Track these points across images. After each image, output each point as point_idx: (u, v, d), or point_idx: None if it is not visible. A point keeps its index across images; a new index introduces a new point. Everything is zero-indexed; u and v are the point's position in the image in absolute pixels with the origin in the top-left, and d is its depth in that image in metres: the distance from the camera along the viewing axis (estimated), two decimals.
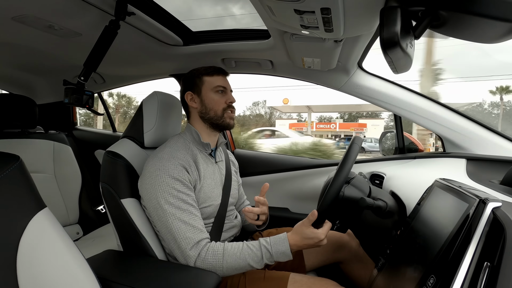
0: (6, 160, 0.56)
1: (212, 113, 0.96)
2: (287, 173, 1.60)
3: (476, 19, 0.44)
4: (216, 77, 0.98)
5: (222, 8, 47.13)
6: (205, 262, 0.79)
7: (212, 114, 0.96)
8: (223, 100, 0.97)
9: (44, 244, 0.55)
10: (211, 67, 0.99)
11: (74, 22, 0.98)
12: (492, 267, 0.39)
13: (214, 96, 0.96)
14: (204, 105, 0.96)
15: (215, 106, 0.96)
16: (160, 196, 0.82)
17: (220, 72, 0.99)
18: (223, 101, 0.97)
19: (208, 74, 0.98)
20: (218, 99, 0.96)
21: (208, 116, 0.96)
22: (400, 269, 0.64)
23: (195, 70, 1.00)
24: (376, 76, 1.28)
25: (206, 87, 0.97)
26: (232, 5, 46.13)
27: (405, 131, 1.39)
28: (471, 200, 0.50)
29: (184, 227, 0.80)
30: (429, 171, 1.08)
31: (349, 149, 0.80)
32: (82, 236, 1.69)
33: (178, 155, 0.88)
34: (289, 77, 1.46)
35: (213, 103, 0.96)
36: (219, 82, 0.98)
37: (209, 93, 0.96)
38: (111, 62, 1.34)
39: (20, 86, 1.92)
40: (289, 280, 0.82)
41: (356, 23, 0.76)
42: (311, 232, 0.79)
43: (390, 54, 0.49)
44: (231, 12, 45.62)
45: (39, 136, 1.67)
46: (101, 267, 0.80)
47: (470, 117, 1.17)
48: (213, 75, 0.98)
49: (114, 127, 2.26)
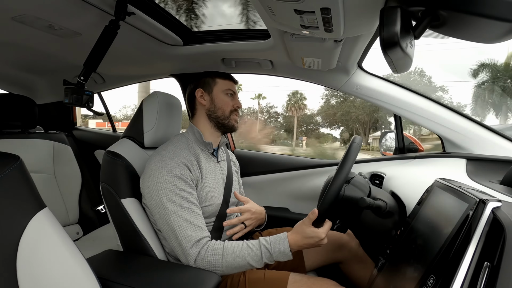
0: (6, 160, 0.55)
1: (220, 112, 0.99)
2: (287, 173, 1.60)
3: (476, 19, 0.44)
4: (228, 82, 1.03)
5: (212, 6, 47.02)
6: (204, 260, 0.79)
7: (220, 113, 0.99)
8: (232, 103, 1.01)
9: (44, 244, 0.55)
10: (224, 73, 1.05)
11: (74, 22, 0.98)
12: (492, 267, 0.39)
13: (224, 98, 1.01)
14: (213, 104, 1.00)
15: (224, 106, 1.00)
16: (162, 194, 0.82)
17: (232, 79, 1.05)
18: (231, 104, 1.01)
19: (221, 77, 1.03)
20: (228, 101, 1.01)
21: (216, 115, 0.99)
22: (400, 269, 0.64)
23: (208, 72, 1.05)
24: (376, 76, 1.28)
25: (218, 87, 1.01)
26: (222, 3, 46.09)
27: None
28: (471, 200, 0.50)
29: (186, 225, 0.80)
30: (429, 171, 1.08)
31: (349, 148, 0.80)
32: (82, 236, 1.68)
33: (181, 153, 0.88)
34: (289, 77, 1.46)
35: (222, 103, 1.00)
36: (230, 86, 1.03)
37: (220, 93, 1.01)
38: (111, 62, 1.34)
39: (20, 86, 1.92)
40: (289, 280, 0.82)
41: (356, 23, 0.76)
42: (312, 231, 0.79)
43: (390, 54, 0.49)
44: (221, 10, 45.72)
45: (39, 136, 1.67)
46: (101, 267, 0.80)
47: (470, 117, 1.17)
48: (226, 79, 1.03)
49: (114, 127, 2.26)
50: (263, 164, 1.65)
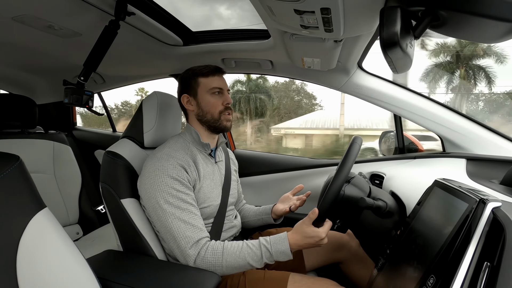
0: (6, 160, 0.55)
1: (209, 116, 0.94)
2: (287, 173, 1.60)
3: (476, 19, 0.44)
4: (211, 78, 0.95)
5: (209, 8, 46.79)
6: (204, 261, 0.78)
7: (209, 117, 0.94)
8: (220, 102, 0.95)
9: (44, 244, 0.55)
10: (206, 67, 0.95)
11: (74, 22, 0.98)
12: (492, 267, 0.39)
13: (210, 99, 0.94)
14: (200, 108, 0.94)
15: (211, 109, 0.94)
16: (159, 196, 0.81)
17: (215, 71, 0.96)
18: (219, 103, 0.94)
19: (203, 75, 0.94)
20: (215, 102, 0.94)
21: (205, 119, 0.95)
22: (400, 269, 0.64)
23: (190, 70, 0.96)
24: (376, 76, 1.28)
25: (202, 89, 0.94)
26: (219, 5, 45.85)
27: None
28: (471, 200, 0.50)
29: (184, 226, 0.80)
30: (429, 171, 1.08)
31: (349, 148, 0.80)
32: (82, 236, 1.68)
33: (177, 155, 0.88)
34: (289, 77, 1.46)
35: (209, 106, 0.94)
36: (215, 83, 0.95)
37: (205, 95, 0.94)
38: (111, 62, 1.34)
39: (20, 86, 1.92)
40: (289, 280, 0.82)
41: (356, 23, 0.76)
42: (312, 231, 0.79)
43: (390, 54, 0.49)
44: (218, 12, 45.31)
45: (39, 136, 1.67)
46: (101, 267, 0.80)
47: (470, 117, 1.17)
48: (209, 75, 0.94)
49: (114, 127, 2.26)
50: (263, 164, 1.65)
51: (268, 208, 1.15)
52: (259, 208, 1.18)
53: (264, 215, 1.14)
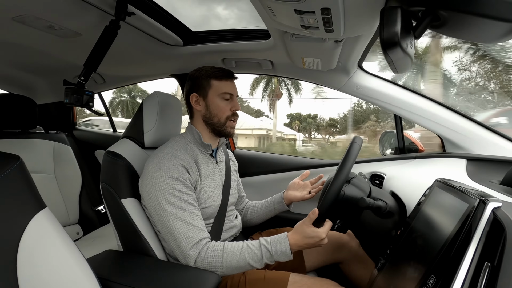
0: (6, 160, 0.56)
1: (216, 119, 0.95)
2: (287, 173, 1.60)
3: (476, 19, 0.44)
4: (224, 82, 0.95)
5: (206, 9, 46.68)
6: (205, 261, 0.79)
7: (215, 121, 0.95)
8: (228, 107, 0.95)
9: (44, 244, 0.55)
10: (220, 70, 0.95)
11: (74, 22, 0.98)
12: (492, 267, 0.39)
13: (220, 103, 0.94)
14: (208, 110, 0.94)
15: (219, 113, 0.94)
16: (160, 196, 0.82)
17: (229, 76, 0.96)
18: (228, 109, 0.95)
19: (216, 78, 0.94)
20: (224, 106, 0.94)
21: (211, 122, 0.95)
22: (400, 269, 0.64)
23: (203, 70, 0.95)
24: (376, 76, 1.28)
25: (213, 91, 0.94)
26: (216, 5, 45.70)
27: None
28: (471, 200, 0.50)
29: (185, 226, 0.80)
30: (429, 171, 1.08)
31: (349, 148, 0.80)
32: (82, 236, 1.69)
33: (179, 155, 0.88)
34: (289, 77, 1.46)
35: (217, 110, 0.94)
36: (227, 88, 0.95)
37: (216, 98, 0.94)
38: (111, 62, 1.34)
39: (20, 86, 1.92)
40: (289, 281, 0.82)
41: (356, 23, 0.76)
42: (312, 231, 0.79)
43: (390, 54, 0.49)
44: (216, 12, 45.18)
45: (39, 136, 1.67)
46: (101, 267, 0.80)
47: (470, 117, 1.17)
48: (222, 79, 0.94)
49: (114, 127, 2.26)
50: (263, 164, 1.65)
51: (278, 196, 1.17)
52: (267, 200, 1.20)
53: (277, 204, 1.15)
